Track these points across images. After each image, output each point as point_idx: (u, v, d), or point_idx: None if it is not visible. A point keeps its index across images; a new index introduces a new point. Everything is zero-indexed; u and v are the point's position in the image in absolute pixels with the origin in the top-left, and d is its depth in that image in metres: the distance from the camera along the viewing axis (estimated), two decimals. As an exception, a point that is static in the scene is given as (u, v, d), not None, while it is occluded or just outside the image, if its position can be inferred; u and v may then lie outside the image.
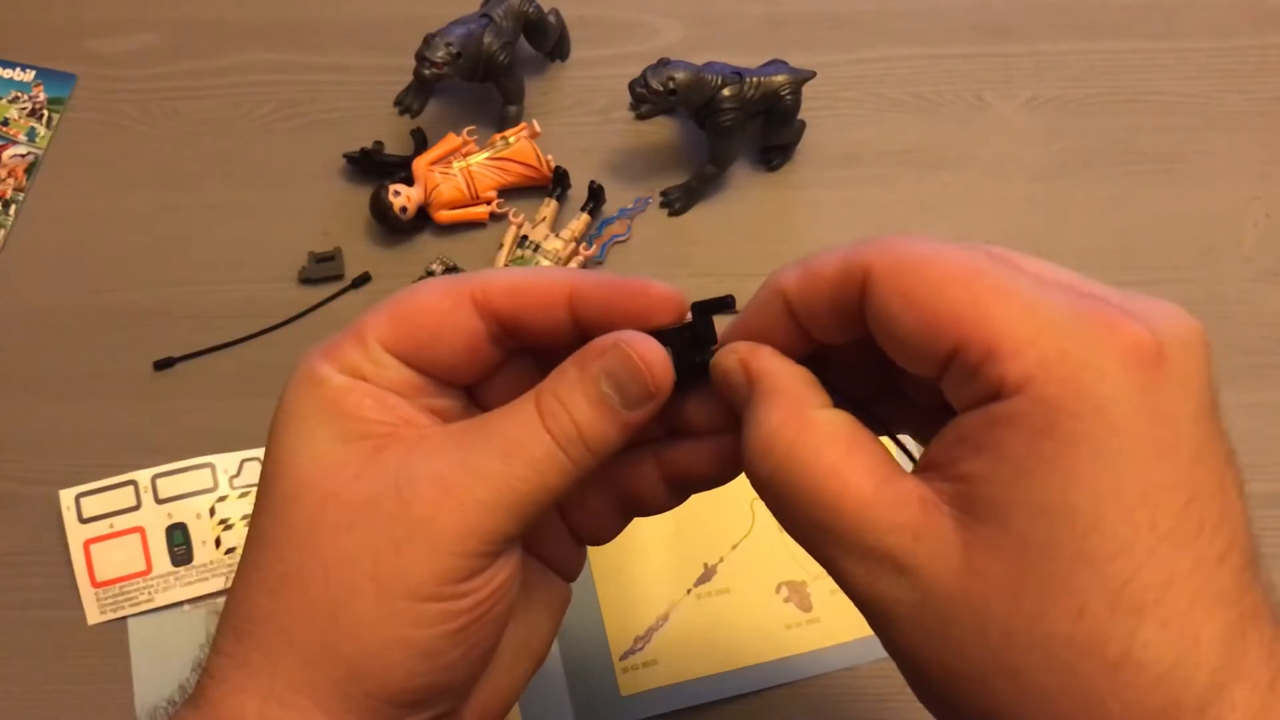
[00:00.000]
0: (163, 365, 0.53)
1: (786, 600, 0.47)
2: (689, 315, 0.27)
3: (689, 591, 0.47)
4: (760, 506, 0.46)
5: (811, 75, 0.55)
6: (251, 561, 0.26)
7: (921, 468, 0.24)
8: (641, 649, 0.46)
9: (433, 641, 0.25)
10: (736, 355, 0.26)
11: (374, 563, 0.25)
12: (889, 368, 0.25)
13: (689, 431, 0.29)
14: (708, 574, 0.47)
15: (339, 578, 0.25)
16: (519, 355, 0.29)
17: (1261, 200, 0.57)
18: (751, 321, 0.27)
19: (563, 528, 0.31)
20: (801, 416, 0.24)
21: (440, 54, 0.53)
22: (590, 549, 0.32)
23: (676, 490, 0.30)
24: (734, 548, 0.48)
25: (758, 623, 0.46)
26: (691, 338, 0.27)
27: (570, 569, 0.31)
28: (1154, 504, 0.21)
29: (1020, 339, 0.21)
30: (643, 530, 0.47)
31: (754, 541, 0.48)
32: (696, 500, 0.42)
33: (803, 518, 0.24)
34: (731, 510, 0.48)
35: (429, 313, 0.27)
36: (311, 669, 0.25)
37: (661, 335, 0.27)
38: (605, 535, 0.31)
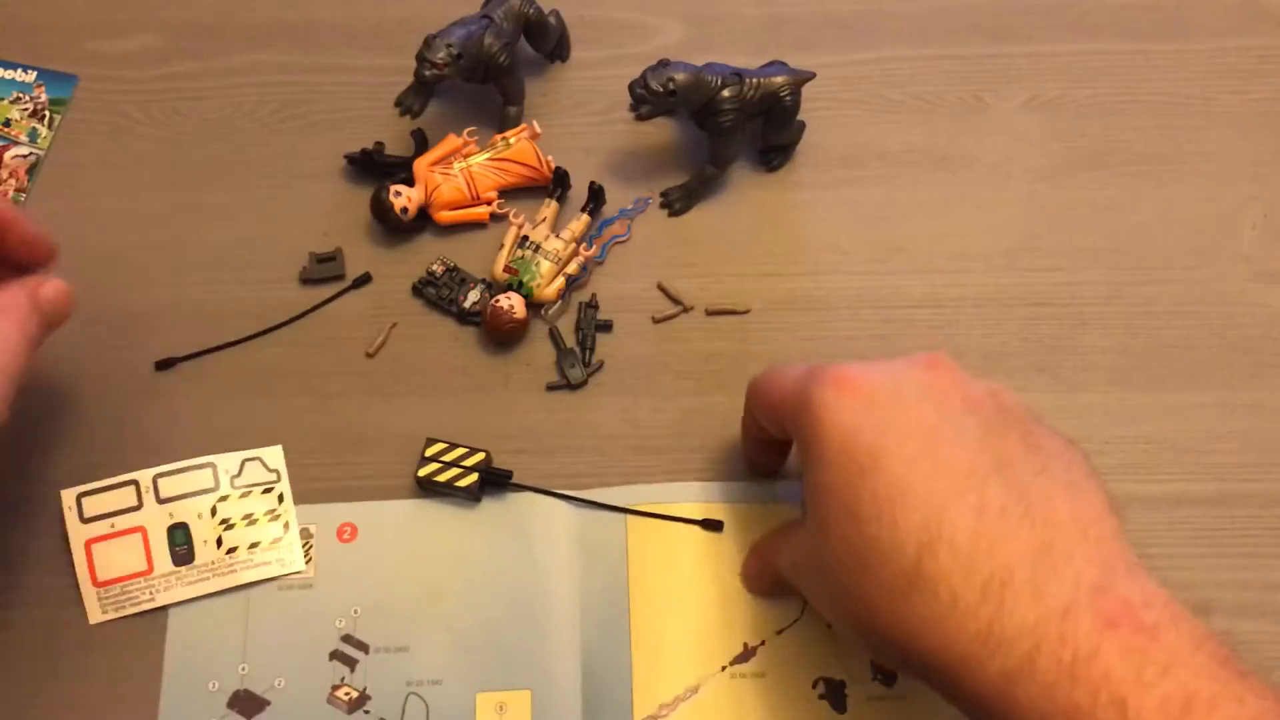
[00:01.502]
0: (164, 365, 0.53)
1: (821, 697, 0.45)
2: None
3: (724, 668, 0.46)
4: None
5: (811, 76, 0.55)
6: None
7: None
8: (665, 716, 0.45)
9: None
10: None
11: None
12: None
13: None
14: (746, 654, 0.46)
15: None
16: None
17: (1260, 201, 0.57)
18: (745, 424, 0.47)
19: None
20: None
21: (441, 55, 0.53)
22: (633, 604, 0.47)
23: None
24: (778, 633, 0.46)
25: (787, 715, 0.45)
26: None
27: None
28: (844, 468, 0.36)
29: (790, 409, 0.40)
30: (687, 596, 0.47)
31: (800, 630, 0.46)
32: None
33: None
34: (782, 594, 0.47)
35: None
36: None
37: None
38: None
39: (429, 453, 0.49)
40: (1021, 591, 0.32)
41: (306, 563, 0.48)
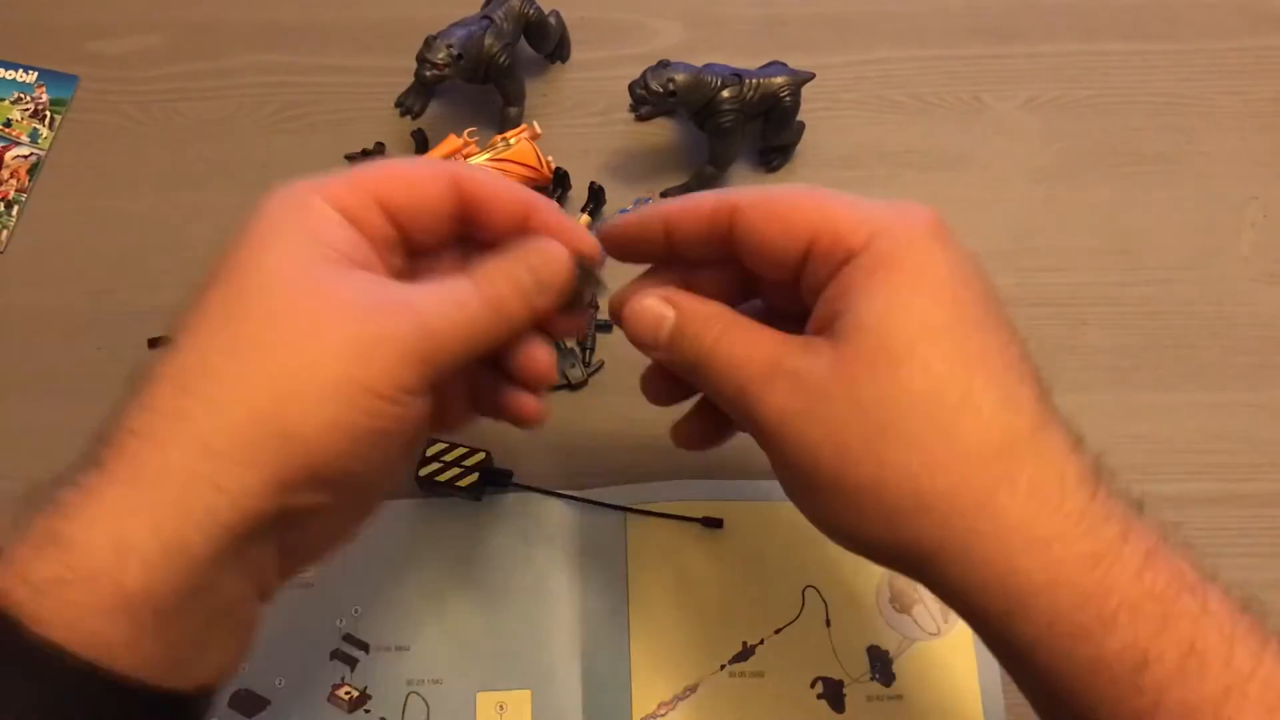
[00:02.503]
0: (155, 344, 0.53)
1: (820, 697, 0.45)
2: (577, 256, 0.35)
3: (723, 667, 0.46)
4: (811, 595, 0.46)
5: (811, 77, 0.55)
6: (205, 330, 0.29)
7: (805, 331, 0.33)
8: (664, 715, 0.45)
9: (368, 434, 0.29)
10: (658, 295, 0.35)
11: (345, 353, 0.29)
12: (745, 286, 0.36)
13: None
14: (745, 653, 0.46)
15: (309, 354, 0.28)
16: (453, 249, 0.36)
17: (1259, 201, 0.57)
18: (630, 231, 0.36)
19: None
20: (723, 319, 0.34)
21: (441, 55, 0.53)
22: (632, 603, 0.45)
23: (521, 387, 0.37)
24: (777, 632, 0.46)
25: (785, 715, 0.45)
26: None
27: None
28: (959, 301, 0.31)
29: (858, 222, 0.31)
30: (686, 595, 0.47)
31: (798, 629, 0.46)
32: (748, 575, 0.47)
33: (727, 377, 0.33)
34: (782, 593, 0.47)
35: (417, 180, 0.33)
36: (256, 427, 0.28)
37: None
38: (449, 423, 0.37)
39: (430, 452, 0.49)
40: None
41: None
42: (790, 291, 0.34)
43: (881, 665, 0.46)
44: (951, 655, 0.46)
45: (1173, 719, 0.28)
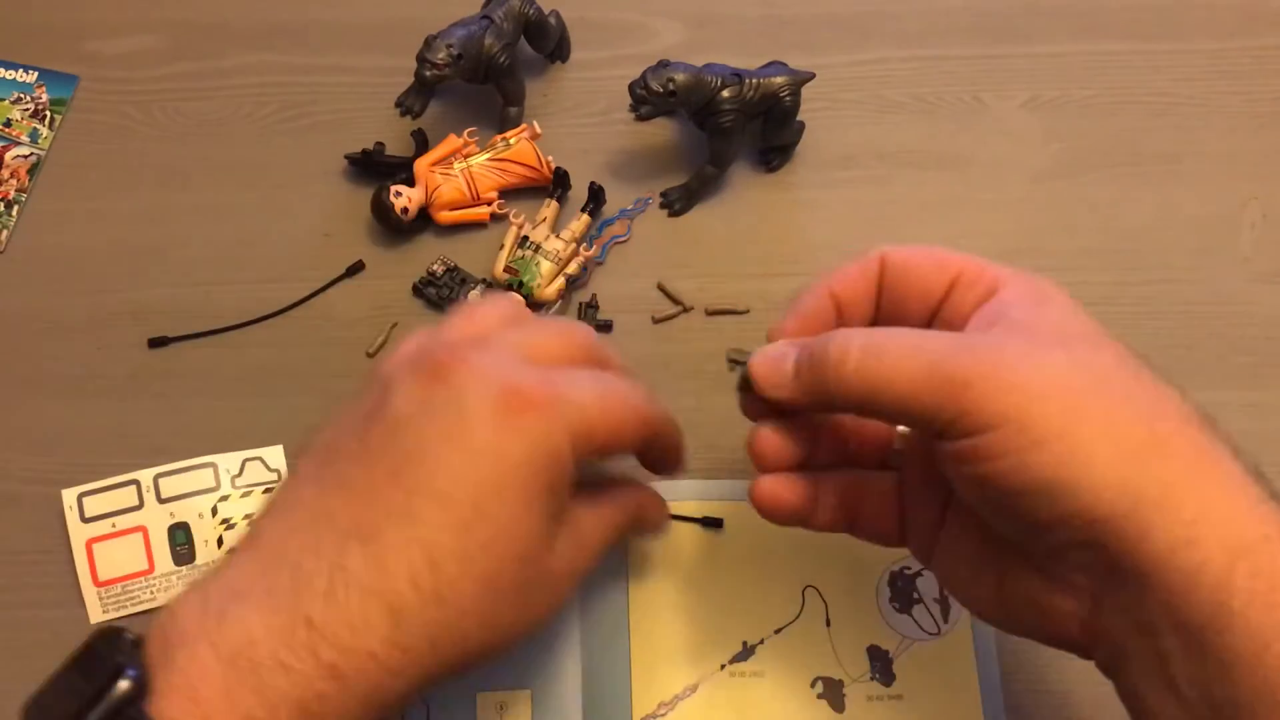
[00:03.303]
0: (157, 343, 0.53)
1: (820, 696, 0.45)
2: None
3: (723, 667, 0.45)
4: (811, 595, 0.46)
5: (811, 77, 0.55)
6: (415, 570, 0.31)
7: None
8: (664, 715, 0.45)
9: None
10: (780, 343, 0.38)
11: (520, 604, 0.34)
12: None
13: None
14: (745, 652, 0.46)
15: (509, 608, 0.34)
16: None
17: (1259, 201, 0.57)
18: (811, 310, 0.38)
19: None
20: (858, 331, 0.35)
21: (441, 55, 0.53)
22: (632, 603, 0.46)
23: None
24: (777, 631, 0.46)
25: (786, 714, 0.45)
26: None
27: None
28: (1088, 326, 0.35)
29: (992, 266, 0.36)
30: (687, 595, 0.46)
31: (799, 629, 0.46)
32: (748, 575, 0.47)
33: (901, 367, 0.33)
34: (782, 593, 0.47)
35: (625, 427, 0.37)
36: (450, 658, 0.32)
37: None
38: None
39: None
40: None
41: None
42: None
43: (882, 665, 0.46)
44: (951, 655, 0.46)
45: None
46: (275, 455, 0.50)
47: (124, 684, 0.28)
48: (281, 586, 0.30)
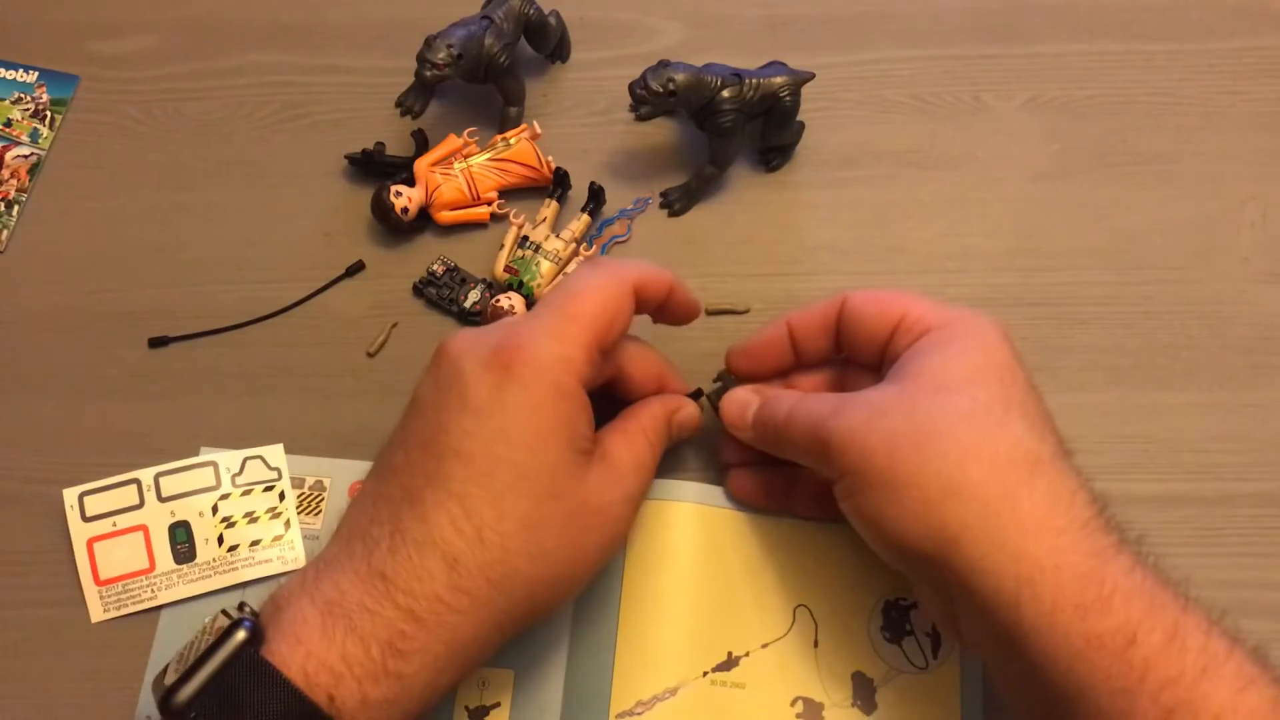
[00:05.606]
0: (157, 343, 0.53)
1: (799, 716, 0.45)
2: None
3: (706, 674, 0.45)
4: (803, 614, 0.46)
5: (810, 77, 0.55)
6: (456, 501, 0.37)
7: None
8: (641, 714, 0.44)
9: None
10: (747, 388, 0.47)
11: (565, 537, 0.39)
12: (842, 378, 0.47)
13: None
14: (729, 662, 0.45)
15: (561, 539, 0.38)
16: None
17: (1258, 201, 0.57)
18: (763, 341, 0.46)
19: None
20: (797, 395, 0.44)
21: (441, 55, 0.53)
22: (624, 597, 0.46)
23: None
24: (764, 646, 0.46)
25: None
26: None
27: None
28: (1009, 369, 0.39)
29: (939, 311, 0.41)
30: (678, 598, 0.46)
31: (785, 646, 0.46)
32: (742, 586, 0.48)
33: (804, 424, 0.41)
34: (774, 608, 0.46)
35: (618, 309, 0.41)
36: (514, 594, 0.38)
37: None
38: None
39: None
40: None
41: (308, 560, 0.48)
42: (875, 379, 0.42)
43: (865, 692, 0.45)
44: (937, 691, 0.45)
45: (1155, 689, 0.33)
46: (275, 453, 0.50)
47: (241, 633, 0.35)
48: (358, 552, 0.37)
